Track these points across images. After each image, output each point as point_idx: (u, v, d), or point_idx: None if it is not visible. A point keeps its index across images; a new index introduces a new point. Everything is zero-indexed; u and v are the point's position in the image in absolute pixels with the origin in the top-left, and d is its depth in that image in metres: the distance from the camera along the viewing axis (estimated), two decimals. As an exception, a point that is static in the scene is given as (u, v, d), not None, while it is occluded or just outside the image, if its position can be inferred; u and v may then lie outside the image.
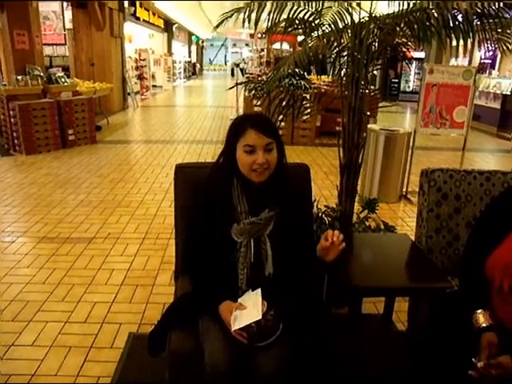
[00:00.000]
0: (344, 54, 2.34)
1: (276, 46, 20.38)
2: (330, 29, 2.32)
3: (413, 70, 15.71)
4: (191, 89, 20.00)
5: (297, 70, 2.61)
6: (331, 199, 4.16)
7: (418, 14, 2.06)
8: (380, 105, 7.73)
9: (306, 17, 2.34)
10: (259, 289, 1.42)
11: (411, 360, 1.69)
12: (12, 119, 6.21)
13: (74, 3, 9.62)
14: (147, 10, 15.15)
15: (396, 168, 4.52)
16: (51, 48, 11.23)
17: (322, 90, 7.14)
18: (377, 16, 2.21)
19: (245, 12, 2.31)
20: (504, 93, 9.17)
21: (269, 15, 2.30)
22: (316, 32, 2.40)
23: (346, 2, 2.27)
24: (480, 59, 11.85)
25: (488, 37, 2.15)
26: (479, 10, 2.02)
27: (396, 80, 15.78)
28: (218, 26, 2.67)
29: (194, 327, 1.47)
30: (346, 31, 2.30)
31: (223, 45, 40.42)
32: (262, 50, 22.19)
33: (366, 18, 2.20)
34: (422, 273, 1.74)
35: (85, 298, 2.65)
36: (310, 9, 2.31)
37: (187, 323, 1.49)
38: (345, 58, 2.35)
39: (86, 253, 3.26)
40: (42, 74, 7.00)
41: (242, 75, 13.16)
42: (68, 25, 10.75)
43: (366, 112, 2.45)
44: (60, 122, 6.54)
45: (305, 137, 7.48)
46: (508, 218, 1.46)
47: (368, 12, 2.20)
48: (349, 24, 2.26)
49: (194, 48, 30.03)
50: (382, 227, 2.59)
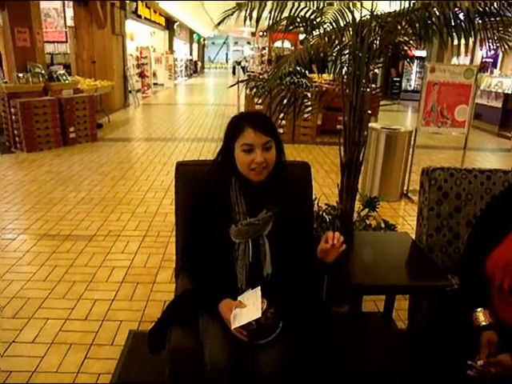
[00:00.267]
0: (345, 53, 2.34)
1: (277, 44, 20.37)
2: (332, 27, 2.32)
3: (414, 69, 15.59)
4: (192, 87, 19.98)
5: (298, 69, 2.61)
6: (332, 197, 4.15)
7: (420, 13, 2.05)
8: (381, 103, 7.71)
9: (308, 15, 2.34)
10: (259, 287, 1.42)
11: (411, 358, 1.69)
12: (13, 117, 6.22)
13: (76, 1, 9.63)
14: (149, 8, 15.13)
15: (397, 166, 4.52)
16: (52, 45, 11.25)
17: (323, 89, 7.04)
18: (378, 14, 2.21)
19: (246, 10, 2.31)
20: (505, 92, 9.15)
21: (270, 13, 2.30)
22: (317, 30, 2.40)
23: (348, 1, 2.27)
24: (482, 58, 11.82)
25: (490, 36, 2.15)
26: (481, 9, 2.01)
27: (397, 79, 15.71)
28: (220, 24, 2.67)
29: (194, 325, 1.47)
30: (348, 29, 2.30)
31: (225, 43, 40.43)
32: (264, 48, 22.22)
33: (368, 17, 2.20)
34: (423, 271, 1.74)
35: (85, 296, 2.66)
36: (312, 7, 2.31)
37: (187, 320, 1.49)
38: (346, 57, 2.34)
39: (87, 250, 3.26)
40: (44, 72, 7.01)
41: (244, 73, 13.16)
42: (69, 22, 10.75)
43: (367, 110, 2.45)
44: (61, 120, 6.55)
45: (306, 135, 7.47)
46: (508, 217, 1.46)
47: (369, 10, 2.20)
48: (350, 22, 2.26)
49: (196, 46, 29.98)
50: (383, 225, 2.59)
